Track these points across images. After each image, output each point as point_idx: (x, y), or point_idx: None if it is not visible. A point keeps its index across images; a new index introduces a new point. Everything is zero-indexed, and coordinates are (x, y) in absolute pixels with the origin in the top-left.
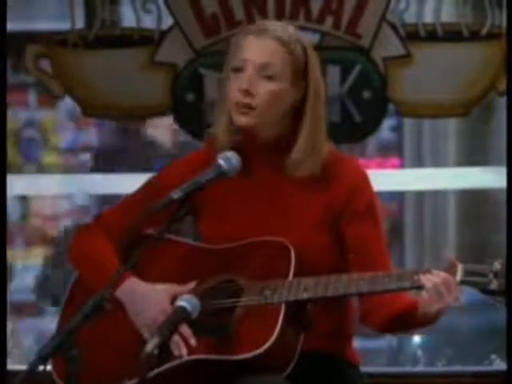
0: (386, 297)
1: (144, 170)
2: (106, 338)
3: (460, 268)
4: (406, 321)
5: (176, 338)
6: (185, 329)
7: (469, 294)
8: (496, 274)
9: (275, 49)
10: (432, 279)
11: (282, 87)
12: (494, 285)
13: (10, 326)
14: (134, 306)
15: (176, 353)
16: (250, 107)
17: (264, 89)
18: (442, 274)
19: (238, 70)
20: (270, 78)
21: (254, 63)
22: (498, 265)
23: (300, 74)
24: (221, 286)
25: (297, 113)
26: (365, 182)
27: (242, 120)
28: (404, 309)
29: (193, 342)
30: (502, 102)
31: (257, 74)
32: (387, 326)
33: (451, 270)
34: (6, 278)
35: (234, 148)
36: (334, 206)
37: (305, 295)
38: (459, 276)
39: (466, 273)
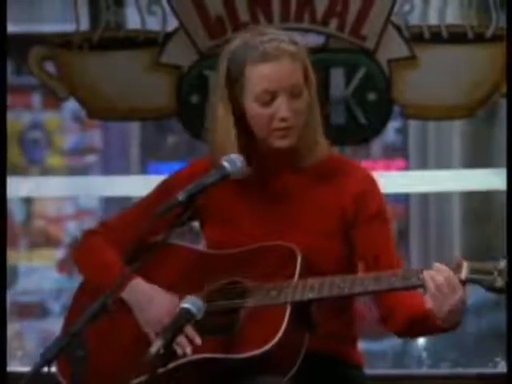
0: (406, 299)
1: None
2: (110, 339)
3: (465, 266)
4: (426, 324)
5: (180, 338)
6: (189, 329)
7: (473, 296)
8: (500, 272)
9: (294, 67)
10: (435, 280)
11: (306, 96)
12: (499, 282)
13: (14, 327)
14: (138, 306)
15: (180, 352)
16: (289, 128)
17: (299, 107)
18: (445, 274)
19: (266, 100)
20: (299, 94)
21: (284, 89)
22: (502, 263)
23: (305, 75)
24: (227, 288)
25: None
26: (374, 188)
27: (283, 143)
28: (425, 312)
29: (198, 341)
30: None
31: (289, 97)
32: (408, 328)
33: (457, 268)
34: (6, 280)
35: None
36: (345, 213)
37: (310, 295)
38: (464, 274)
39: (472, 270)
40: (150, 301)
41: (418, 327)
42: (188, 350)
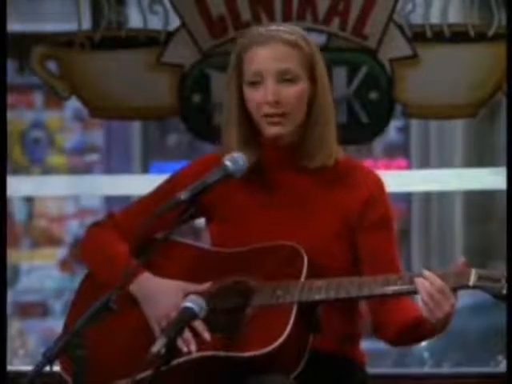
0: (397, 309)
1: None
2: (112, 335)
3: (473, 273)
4: (416, 331)
5: (186, 335)
6: (199, 324)
7: (475, 296)
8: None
9: (286, 52)
10: (428, 289)
11: (303, 86)
12: (506, 290)
13: (16, 326)
14: (147, 300)
15: (185, 349)
16: (281, 115)
17: (289, 93)
18: (437, 285)
19: (254, 83)
20: (290, 81)
21: (271, 72)
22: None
23: (310, 67)
24: (233, 286)
25: (308, 108)
26: (381, 192)
27: (275, 130)
28: (415, 319)
29: (207, 336)
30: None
31: (276, 81)
32: (400, 337)
33: (463, 274)
34: (6, 279)
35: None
36: (350, 216)
37: (317, 297)
38: (472, 280)
39: (480, 277)
40: (159, 295)
41: (409, 335)
42: (193, 347)
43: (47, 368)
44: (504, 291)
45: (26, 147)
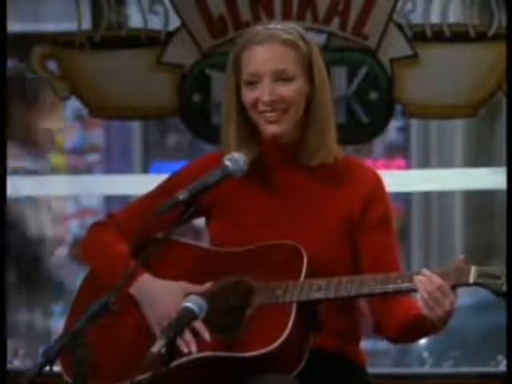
0: (395, 308)
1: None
2: (113, 337)
3: (473, 270)
4: (416, 329)
5: (186, 335)
6: (199, 324)
7: (475, 295)
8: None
9: (283, 52)
10: (427, 288)
11: (300, 85)
12: (506, 287)
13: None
14: (147, 302)
15: (185, 350)
16: (278, 113)
17: (285, 91)
18: (437, 283)
19: (252, 83)
20: (287, 80)
21: (268, 73)
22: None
23: (307, 66)
24: (233, 287)
25: (306, 106)
26: (380, 189)
27: (273, 129)
28: (417, 316)
29: (207, 336)
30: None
31: (274, 81)
32: (402, 334)
33: (463, 271)
34: (6, 277)
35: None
36: (351, 217)
37: (317, 295)
38: (472, 278)
39: (480, 275)
40: (159, 296)
41: (410, 333)
42: (193, 348)
43: (47, 368)
44: (504, 288)
45: None
